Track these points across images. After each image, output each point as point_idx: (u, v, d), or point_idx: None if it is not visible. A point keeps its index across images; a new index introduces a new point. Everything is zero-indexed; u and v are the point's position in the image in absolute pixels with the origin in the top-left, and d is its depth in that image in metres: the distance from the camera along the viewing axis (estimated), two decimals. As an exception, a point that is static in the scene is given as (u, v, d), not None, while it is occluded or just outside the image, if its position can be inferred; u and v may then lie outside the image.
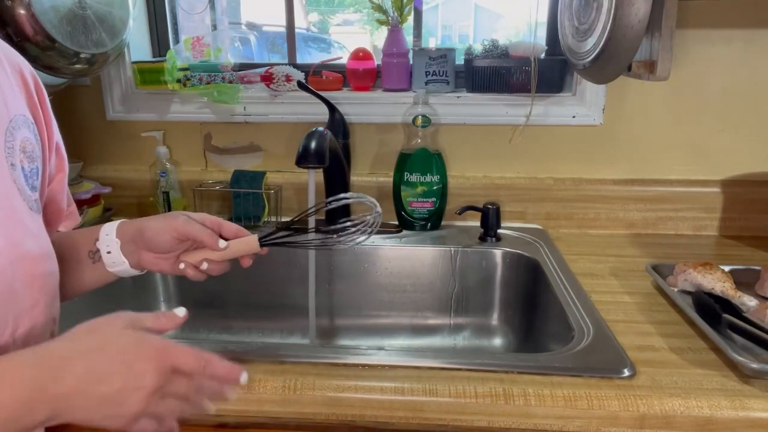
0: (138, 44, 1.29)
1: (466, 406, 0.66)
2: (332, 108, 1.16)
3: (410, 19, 1.22)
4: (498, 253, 1.11)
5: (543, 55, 1.18)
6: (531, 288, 1.06)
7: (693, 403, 0.64)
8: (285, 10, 1.30)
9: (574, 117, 1.19)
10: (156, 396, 0.47)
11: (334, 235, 0.70)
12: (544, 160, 1.23)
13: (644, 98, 1.17)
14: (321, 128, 0.98)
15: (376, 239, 1.15)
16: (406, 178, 1.17)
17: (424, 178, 1.17)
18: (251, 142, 1.29)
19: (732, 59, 1.13)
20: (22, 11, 0.90)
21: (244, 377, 0.53)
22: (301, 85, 1.16)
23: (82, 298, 0.71)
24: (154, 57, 1.35)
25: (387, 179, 1.22)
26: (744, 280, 0.91)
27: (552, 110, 1.20)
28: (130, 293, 1.09)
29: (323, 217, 1.19)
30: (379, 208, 0.70)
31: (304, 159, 0.93)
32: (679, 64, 1.13)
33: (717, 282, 0.86)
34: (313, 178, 0.95)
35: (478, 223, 1.15)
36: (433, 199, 1.18)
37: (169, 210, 1.23)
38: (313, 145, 0.93)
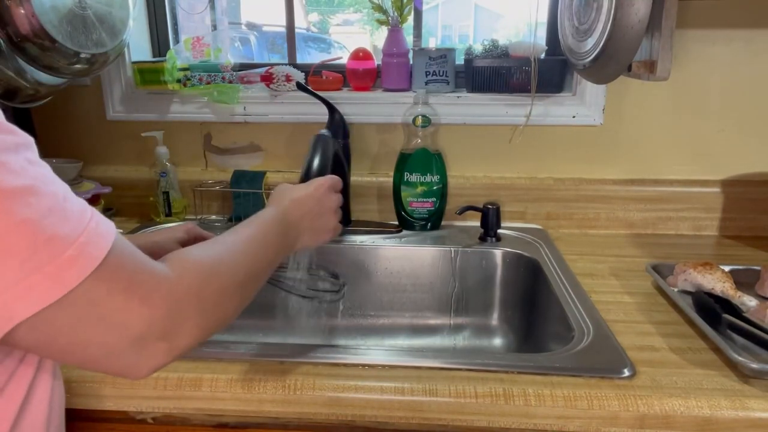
0: (138, 44, 1.29)
1: (466, 406, 0.66)
2: (332, 108, 1.16)
3: (410, 19, 1.22)
4: (498, 253, 1.11)
5: (543, 55, 1.18)
6: (531, 288, 1.06)
7: (693, 403, 0.64)
8: (285, 10, 1.30)
9: (574, 117, 1.19)
10: (337, 209, 0.75)
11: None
12: (544, 160, 1.23)
13: (644, 98, 1.17)
14: (323, 132, 0.97)
15: (376, 239, 1.15)
16: (406, 178, 1.17)
17: (424, 178, 1.17)
18: (251, 142, 1.29)
19: (732, 59, 1.13)
20: (22, 11, 0.90)
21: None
22: (300, 87, 1.16)
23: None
24: (154, 57, 1.35)
25: (387, 179, 1.22)
26: (744, 280, 0.91)
27: (552, 110, 1.20)
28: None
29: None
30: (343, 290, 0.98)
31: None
32: (679, 64, 1.13)
33: (717, 282, 0.86)
34: None
35: (478, 223, 1.15)
36: (433, 199, 1.18)
37: (170, 210, 1.23)
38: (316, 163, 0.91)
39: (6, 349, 0.47)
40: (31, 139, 0.43)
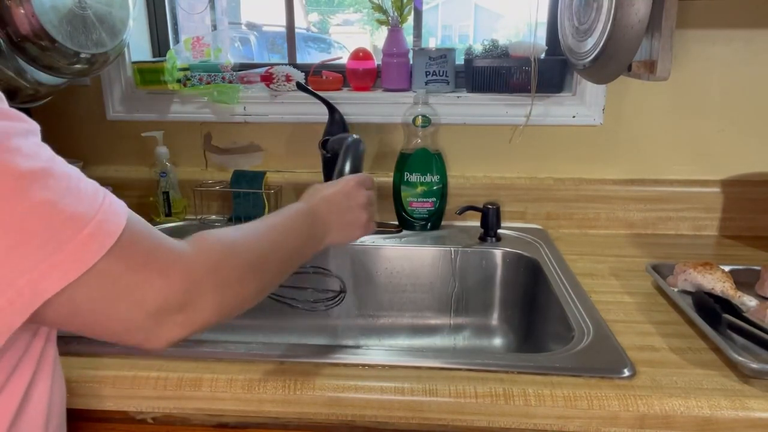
0: (138, 44, 1.29)
1: (466, 406, 0.66)
2: (332, 108, 1.16)
3: (410, 19, 1.22)
4: (498, 253, 1.11)
5: (543, 55, 1.18)
6: (531, 288, 1.06)
7: (693, 403, 0.64)
8: (285, 10, 1.30)
9: (574, 117, 1.19)
10: (368, 205, 0.74)
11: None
12: (544, 160, 1.23)
13: (644, 98, 1.17)
14: (355, 137, 0.95)
15: (376, 239, 1.15)
16: (406, 178, 1.17)
17: (424, 178, 1.17)
18: (251, 142, 1.29)
19: (732, 59, 1.13)
20: (22, 11, 0.90)
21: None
22: (300, 86, 1.16)
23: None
24: (154, 57, 1.35)
25: (387, 179, 1.22)
26: (744, 280, 0.91)
27: (552, 110, 1.20)
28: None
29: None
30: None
31: None
32: (679, 64, 1.13)
33: (717, 282, 0.86)
34: None
35: (478, 223, 1.15)
36: (433, 199, 1.18)
37: (170, 210, 1.23)
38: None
39: (6, 345, 0.47)
40: (37, 126, 0.45)
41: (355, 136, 0.94)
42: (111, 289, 0.42)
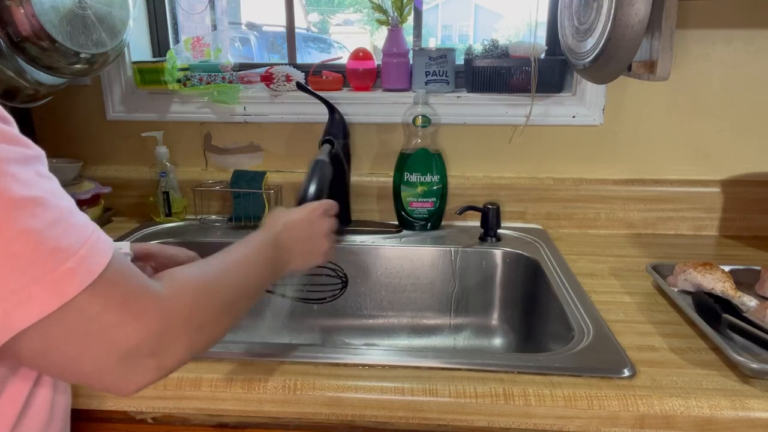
0: (138, 44, 1.29)
1: (466, 406, 0.66)
2: (332, 108, 1.16)
3: (410, 19, 1.22)
4: (498, 253, 1.11)
5: (543, 55, 1.18)
6: (531, 288, 1.06)
7: (693, 403, 0.64)
8: (285, 10, 1.30)
9: (574, 117, 1.19)
10: (330, 233, 0.76)
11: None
12: (544, 160, 1.23)
13: (644, 98, 1.17)
14: (322, 158, 0.95)
15: (376, 239, 1.15)
16: (406, 178, 1.18)
17: (424, 178, 1.17)
18: (251, 142, 1.29)
19: (732, 59, 1.13)
20: (22, 11, 0.90)
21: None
22: (300, 86, 1.16)
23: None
24: (154, 57, 1.35)
25: (387, 179, 1.22)
26: (744, 280, 0.91)
27: (552, 110, 1.20)
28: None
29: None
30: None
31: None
32: (679, 64, 1.13)
33: (717, 282, 0.86)
34: None
35: (478, 223, 1.15)
36: (433, 199, 1.18)
37: (170, 210, 1.23)
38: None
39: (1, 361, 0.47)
40: (42, 153, 0.45)
41: (321, 157, 0.95)
42: (86, 328, 0.42)
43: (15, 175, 0.40)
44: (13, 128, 0.43)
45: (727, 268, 0.91)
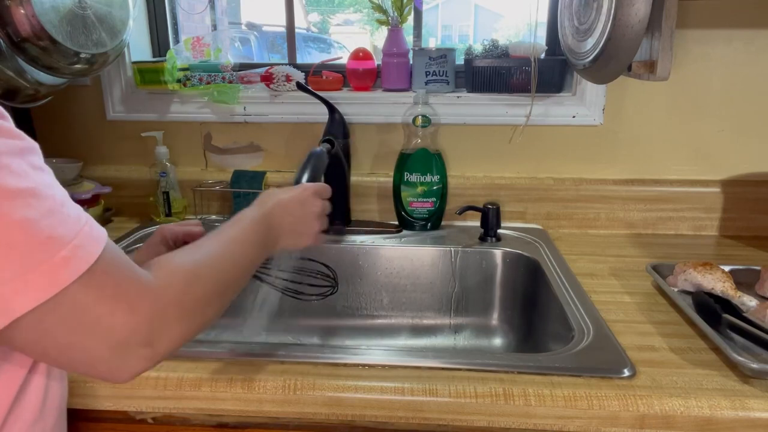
0: (138, 44, 1.29)
1: (466, 406, 0.66)
2: (332, 108, 1.16)
3: (410, 19, 1.22)
4: (498, 253, 1.11)
5: (543, 55, 1.18)
6: (531, 288, 1.06)
7: (693, 403, 0.64)
8: (285, 10, 1.30)
9: (574, 117, 1.19)
10: (321, 215, 0.75)
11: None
12: (544, 160, 1.23)
13: (644, 98, 1.17)
14: (318, 149, 0.96)
15: (376, 239, 1.15)
16: (406, 178, 1.18)
17: (424, 178, 1.17)
18: (251, 142, 1.29)
19: (732, 59, 1.13)
20: (22, 11, 0.90)
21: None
22: (300, 86, 1.16)
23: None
24: (154, 57, 1.35)
25: (387, 179, 1.22)
26: (744, 280, 0.91)
27: (552, 110, 1.20)
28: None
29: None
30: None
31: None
32: (679, 64, 1.13)
33: (717, 282, 0.86)
34: None
35: (478, 223, 1.15)
36: (433, 199, 1.18)
37: (170, 210, 1.23)
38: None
39: None
40: (36, 145, 0.45)
41: (319, 148, 0.96)
42: (79, 317, 0.43)
43: (8, 166, 0.41)
44: (7, 122, 0.44)
45: (727, 268, 0.91)
